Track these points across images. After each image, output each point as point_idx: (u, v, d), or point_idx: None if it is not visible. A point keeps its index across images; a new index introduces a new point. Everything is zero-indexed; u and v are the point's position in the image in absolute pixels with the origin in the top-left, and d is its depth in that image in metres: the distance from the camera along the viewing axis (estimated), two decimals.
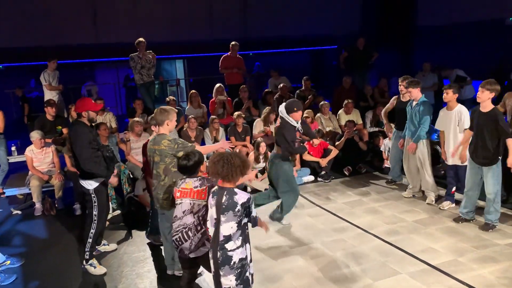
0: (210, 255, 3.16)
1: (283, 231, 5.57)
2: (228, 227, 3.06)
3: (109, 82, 14.55)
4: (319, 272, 4.51)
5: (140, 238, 5.64)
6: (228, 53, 9.64)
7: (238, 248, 3.10)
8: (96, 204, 4.76)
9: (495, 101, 5.50)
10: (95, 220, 4.77)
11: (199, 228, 3.66)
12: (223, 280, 3.09)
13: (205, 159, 3.96)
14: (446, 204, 6.06)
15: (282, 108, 5.39)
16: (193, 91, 8.84)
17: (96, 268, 4.76)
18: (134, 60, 8.67)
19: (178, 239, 3.69)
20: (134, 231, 5.85)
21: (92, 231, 4.77)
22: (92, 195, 4.73)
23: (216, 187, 3.22)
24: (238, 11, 14.48)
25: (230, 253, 3.07)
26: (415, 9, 15.00)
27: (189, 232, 3.67)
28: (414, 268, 4.52)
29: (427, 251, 4.85)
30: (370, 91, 9.93)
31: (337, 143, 7.98)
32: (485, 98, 5.12)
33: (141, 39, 8.63)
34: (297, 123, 5.36)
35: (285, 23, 14.74)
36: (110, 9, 12.86)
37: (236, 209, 3.05)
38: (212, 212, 3.14)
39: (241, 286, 3.12)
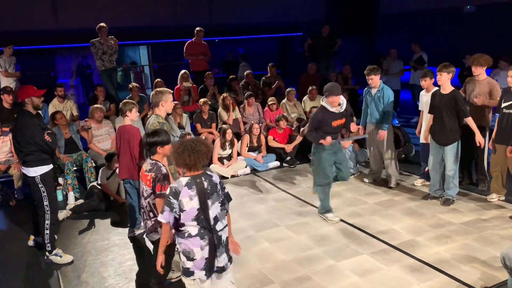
0: (204, 243, 3.02)
1: (248, 216, 5.63)
2: (215, 208, 3.05)
3: (70, 69, 14.14)
4: (283, 255, 4.59)
5: (103, 226, 5.57)
6: (193, 39, 9.54)
7: (225, 227, 3.13)
8: (45, 194, 4.55)
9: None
10: (47, 211, 4.58)
11: (151, 214, 3.68)
12: (217, 260, 3.07)
13: None
14: (419, 182, 6.42)
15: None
16: (159, 79, 8.71)
17: (62, 257, 4.68)
18: (95, 46, 8.45)
19: (141, 215, 3.87)
20: (97, 220, 5.77)
21: (47, 221, 4.60)
22: (40, 185, 4.53)
23: (186, 178, 3.00)
24: None
25: (219, 233, 3.08)
26: None
27: (144, 215, 3.75)
28: (375, 248, 4.67)
29: (387, 232, 5.02)
30: (334, 77, 10.06)
31: (302, 129, 8.07)
32: (444, 80, 5.40)
33: (102, 24, 8.40)
34: (333, 108, 5.03)
35: (250, 9, 14.69)
36: None
37: (218, 189, 3.07)
38: (193, 204, 2.96)
39: (230, 261, 3.19)
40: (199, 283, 3.05)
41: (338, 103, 5.04)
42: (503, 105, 5.36)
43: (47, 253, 4.69)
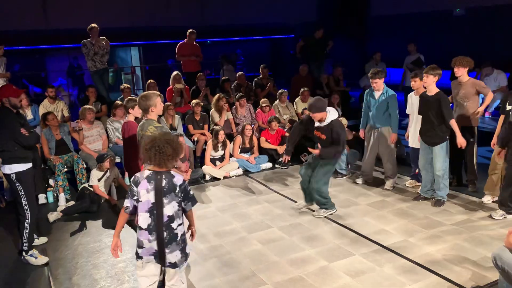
0: (152, 238, 3.16)
1: (241, 217, 5.63)
2: (171, 207, 3.16)
3: (61, 70, 14.04)
4: (276, 256, 4.60)
5: (95, 228, 5.53)
6: (185, 40, 9.52)
7: (180, 225, 3.23)
8: (23, 193, 4.58)
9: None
10: (27, 210, 4.61)
11: None
12: (169, 256, 3.20)
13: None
14: (410, 183, 6.51)
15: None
16: (151, 80, 8.68)
17: (37, 259, 4.65)
18: (86, 47, 8.41)
19: None
20: (89, 221, 5.72)
21: (27, 221, 4.62)
22: (16, 183, 4.55)
23: (149, 172, 3.18)
24: None
25: (176, 231, 3.19)
26: (369, 0, 15.37)
27: None
28: (367, 249, 4.69)
29: (379, 233, 5.05)
30: (325, 79, 10.13)
31: None
32: (430, 82, 5.47)
33: (93, 24, 8.36)
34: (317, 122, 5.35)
35: (242, 11, 14.71)
36: None
37: (177, 191, 3.16)
38: (149, 197, 3.13)
39: (184, 259, 3.27)
40: (142, 265, 3.24)
41: (317, 119, 5.28)
42: (508, 107, 5.30)
43: (23, 253, 4.67)
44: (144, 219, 3.17)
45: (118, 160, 7.12)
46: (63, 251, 4.93)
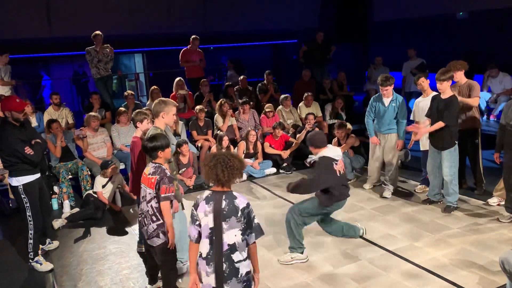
0: (210, 270, 2.83)
1: None
2: (232, 235, 2.79)
3: (65, 77, 14.12)
4: (282, 262, 4.57)
5: (99, 235, 5.53)
6: (188, 47, 9.56)
7: (245, 259, 2.88)
8: (28, 205, 4.55)
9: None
10: (30, 221, 4.59)
11: (154, 218, 3.63)
12: None
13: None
14: (420, 188, 6.48)
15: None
16: (155, 87, 8.70)
17: (42, 265, 4.67)
18: (90, 54, 8.43)
19: (140, 221, 3.82)
20: (93, 228, 5.72)
21: (31, 232, 4.61)
22: (22, 195, 4.53)
23: (208, 192, 2.88)
24: (197, 4, 14.35)
25: (237, 265, 2.81)
26: (372, 4, 15.37)
27: (145, 220, 3.71)
28: (373, 254, 4.66)
29: (385, 238, 5.02)
30: (328, 84, 10.12)
31: (298, 135, 8.09)
32: (445, 88, 5.46)
33: (97, 32, 8.39)
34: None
35: (244, 17, 14.73)
36: (64, 1, 12.41)
37: (239, 215, 2.79)
38: (207, 221, 2.80)
39: None
40: None
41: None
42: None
43: (29, 260, 4.70)
44: (204, 246, 2.84)
45: (122, 166, 7.14)
46: (68, 258, 4.93)
